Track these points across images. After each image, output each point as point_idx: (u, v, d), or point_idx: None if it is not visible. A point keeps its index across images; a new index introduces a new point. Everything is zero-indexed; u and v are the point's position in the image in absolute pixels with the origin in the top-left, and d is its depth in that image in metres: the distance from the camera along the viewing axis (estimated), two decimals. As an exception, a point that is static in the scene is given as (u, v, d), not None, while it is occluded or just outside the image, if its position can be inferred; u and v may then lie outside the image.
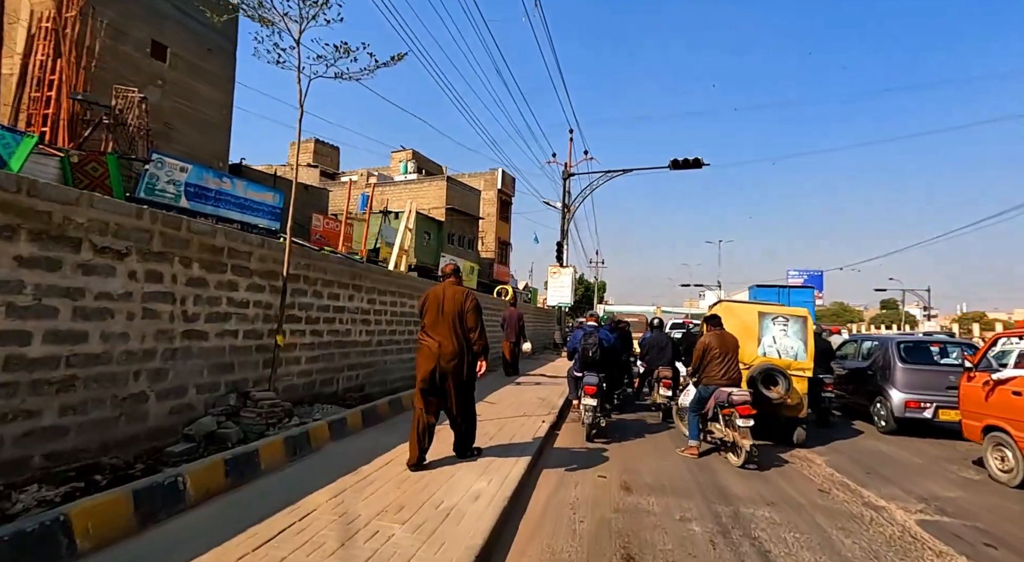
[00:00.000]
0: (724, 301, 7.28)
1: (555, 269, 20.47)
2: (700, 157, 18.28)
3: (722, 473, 5.27)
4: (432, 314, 4.39)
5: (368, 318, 7.19)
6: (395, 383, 8.05)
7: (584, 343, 6.88)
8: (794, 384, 6.52)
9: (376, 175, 35.39)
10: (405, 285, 8.47)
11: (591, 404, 6.57)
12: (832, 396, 7.85)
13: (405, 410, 6.58)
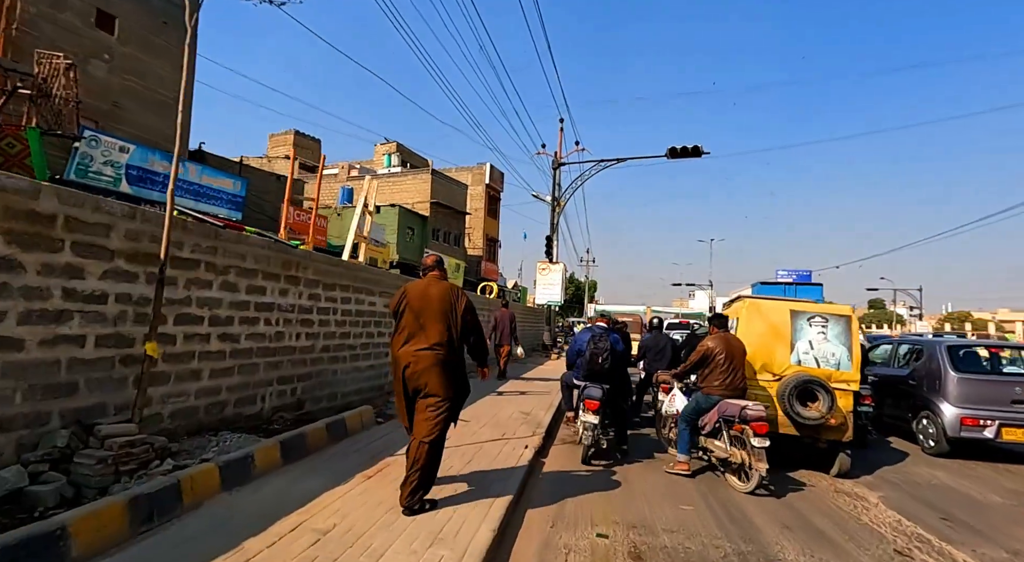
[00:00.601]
0: (746, 297, 6.01)
1: (544, 265, 19.15)
2: (699, 145, 17.07)
3: (762, 524, 3.95)
4: (412, 316, 3.49)
5: (310, 318, 5.79)
6: (348, 397, 6.66)
7: (593, 347, 5.59)
8: (837, 400, 5.24)
9: (358, 168, 33.84)
10: (364, 278, 7.08)
11: (592, 422, 5.29)
12: (870, 410, 6.60)
13: (351, 435, 5.21)
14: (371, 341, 7.29)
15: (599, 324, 6.10)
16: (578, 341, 6.00)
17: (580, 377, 5.87)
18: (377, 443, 5.05)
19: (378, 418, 6.10)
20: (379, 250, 25.04)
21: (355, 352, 6.83)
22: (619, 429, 5.95)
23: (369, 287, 7.22)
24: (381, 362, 7.61)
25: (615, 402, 5.93)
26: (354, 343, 6.80)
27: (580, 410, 5.76)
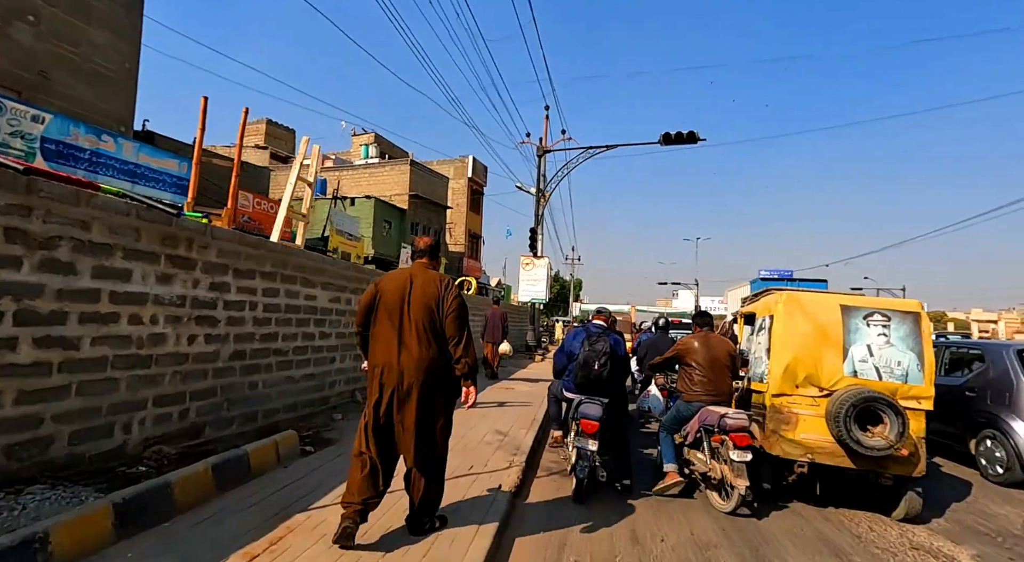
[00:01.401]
0: (782, 290, 4.73)
1: (528, 260, 17.81)
2: (695, 131, 15.89)
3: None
4: (386, 314, 2.93)
5: (213, 315, 4.34)
6: (275, 417, 5.22)
7: (588, 350, 4.34)
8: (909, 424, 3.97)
9: (333, 158, 32.13)
10: (300, 265, 5.63)
11: (589, 449, 4.05)
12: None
13: (257, 475, 3.78)
14: (310, 344, 5.85)
15: (596, 322, 4.78)
16: (569, 343, 4.69)
17: (572, 388, 4.54)
18: (293, 487, 3.63)
19: (306, 445, 4.67)
20: (353, 244, 23.44)
21: (285, 358, 5.38)
22: (620, 456, 4.63)
23: (308, 277, 5.78)
24: (324, 370, 6.17)
25: (615, 421, 4.61)
26: (284, 347, 5.35)
27: (573, 432, 4.44)
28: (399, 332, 2.90)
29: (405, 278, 3.03)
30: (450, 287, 3.05)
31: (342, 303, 6.56)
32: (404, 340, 2.89)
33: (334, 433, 5.29)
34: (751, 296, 5.98)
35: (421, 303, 2.94)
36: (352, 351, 6.88)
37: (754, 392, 4.66)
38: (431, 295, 2.97)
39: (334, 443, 4.93)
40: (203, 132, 6.72)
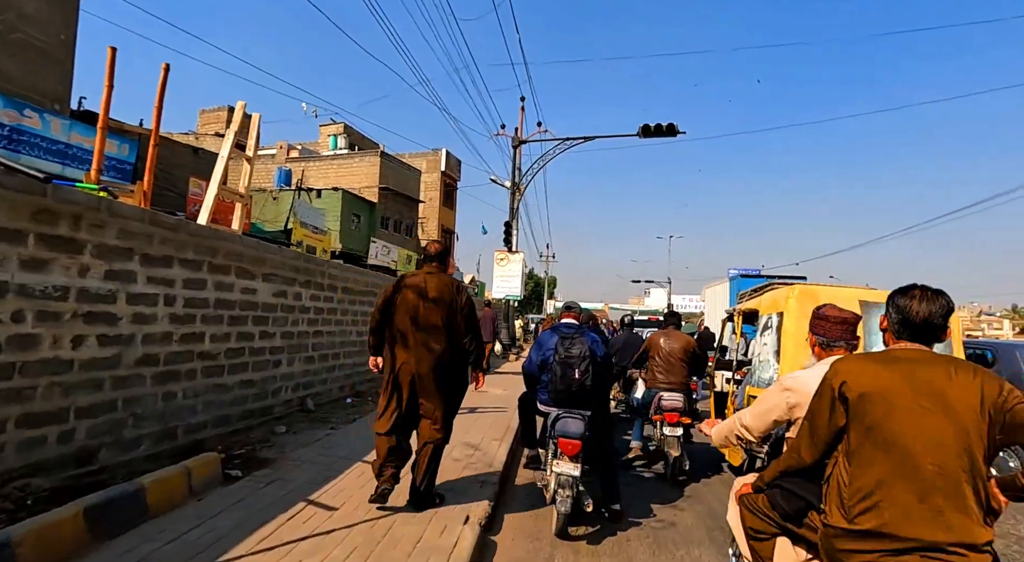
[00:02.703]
0: (788, 283, 4.15)
1: (503, 255, 17.10)
2: (675, 123, 15.44)
3: None
4: (403, 314, 3.26)
5: (109, 310, 3.50)
6: (199, 433, 4.38)
7: (562, 355, 3.67)
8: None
9: (299, 148, 30.75)
10: (234, 253, 4.79)
11: (571, 475, 3.37)
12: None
13: (157, 514, 2.97)
14: (248, 345, 5.01)
15: (566, 321, 4.07)
16: (541, 346, 3.97)
17: (547, 401, 3.85)
18: (201, 531, 2.83)
19: (232, 469, 3.86)
20: (319, 237, 22.32)
21: (215, 363, 4.54)
22: (607, 477, 3.97)
23: (246, 267, 4.94)
24: (266, 375, 5.34)
25: (600, 436, 3.95)
26: (213, 349, 4.51)
27: (551, 453, 3.76)
28: (416, 329, 3.26)
29: (420, 281, 3.38)
30: (461, 289, 3.46)
31: (289, 298, 5.73)
32: (420, 337, 3.27)
33: (273, 451, 4.49)
34: (750, 291, 5.43)
35: (435, 304, 3.29)
36: (302, 353, 6.06)
37: (762, 401, 4.06)
38: (444, 296, 3.33)
39: (270, 464, 4.13)
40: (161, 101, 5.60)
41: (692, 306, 50.32)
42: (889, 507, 1.56)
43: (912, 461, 1.56)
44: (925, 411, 1.57)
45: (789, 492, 1.94)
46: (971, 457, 1.52)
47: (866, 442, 1.63)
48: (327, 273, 6.63)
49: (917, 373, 1.63)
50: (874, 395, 1.63)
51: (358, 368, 7.70)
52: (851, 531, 1.60)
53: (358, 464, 4.31)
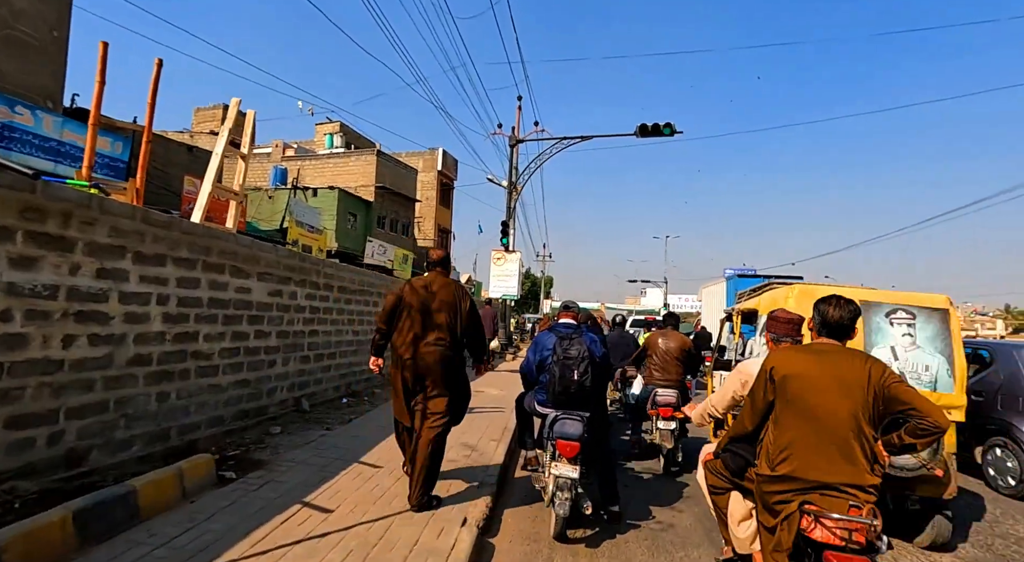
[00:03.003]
0: (794, 285, 4.13)
1: (499, 254, 17.05)
2: (672, 123, 15.43)
3: None
4: (414, 312, 3.52)
5: (100, 309, 3.44)
6: (193, 434, 4.33)
7: (560, 356, 3.62)
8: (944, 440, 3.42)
9: (295, 147, 30.60)
10: (227, 252, 4.73)
11: (570, 477, 3.33)
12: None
13: (149, 517, 2.92)
14: (242, 345, 4.95)
15: (564, 321, 4.02)
16: (540, 346, 3.92)
17: (546, 402, 3.81)
18: (191, 535, 2.78)
19: (228, 472, 3.80)
20: (314, 237, 22.20)
21: (209, 363, 4.48)
22: (605, 478, 3.94)
23: (240, 265, 4.88)
24: (261, 375, 5.28)
25: (598, 437, 3.92)
26: (207, 349, 4.45)
27: (548, 454, 3.72)
28: (422, 329, 3.52)
29: (426, 284, 3.65)
30: (463, 291, 3.73)
31: (284, 297, 5.67)
32: (426, 335, 3.52)
33: (267, 452, 4.43)
34: (749, 291, 5.41)
35: (441, 305, 3.57)
36: (297, 353, 6.00)
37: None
38: (449, 298, 3.61)
39: (264, 465, 4.08)
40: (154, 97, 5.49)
41: (688, 306, 50.40)
42: (798, 458, 2.13)
43: (816, 424, 2.13)
44: (828, 388, 2.14)
45: (735, 454, 2.57)
46: (859, 422, 2.10)
47: (786, 411, 2.22)
48: (322, 272, 6.57)
49: (826, 360, 2.21)
50: (794, 376, 2.21)
51: (354, 368, 7.65)
52: (772, 476, 2.19)
53: (354, 465, 4.26)
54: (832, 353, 2.24)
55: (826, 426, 2.12)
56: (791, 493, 2.13)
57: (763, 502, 2.25)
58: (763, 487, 2.24)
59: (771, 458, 2.22)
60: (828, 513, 2.03)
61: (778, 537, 2.16)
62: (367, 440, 5.04)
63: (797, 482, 2.12)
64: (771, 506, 2.21)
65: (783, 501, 2.15)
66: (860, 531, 2.00)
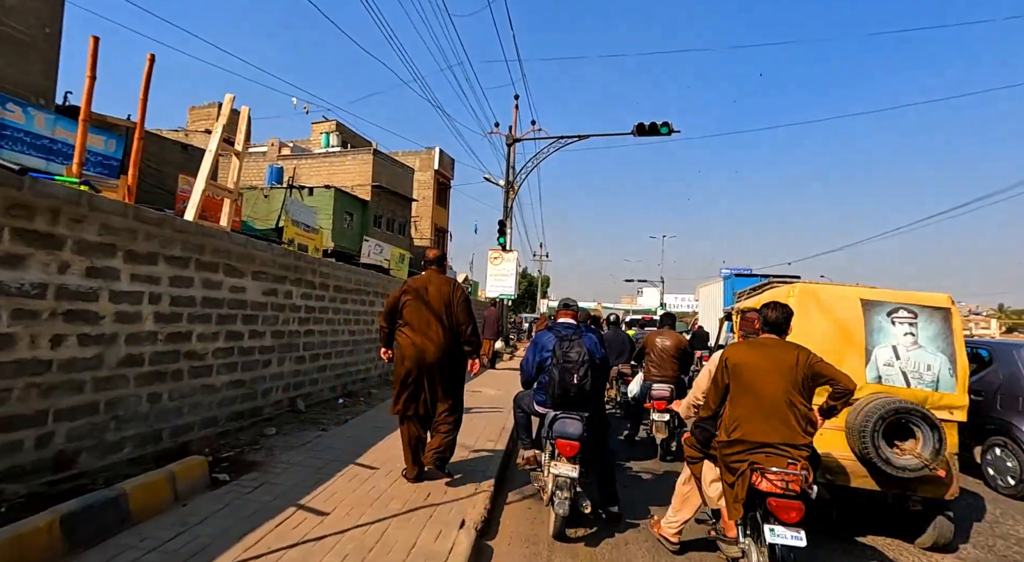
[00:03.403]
0: (796, 284, 4.09)
1: (496, 254, 16.99)
2: (669, 122, 15.41)
3: None
4: (414, 306, 3.87)
5: (89, 309, 3.37)
6: (186, 435, 4.26)
7: (560, 359, 3.58)
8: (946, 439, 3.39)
9: (291, 146, 30.45)
10: (221, 250, 4.67)
11: (569, 476, 3.30)
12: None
13: (141, 520, 2.85)
14: (237, 344, 4.88)
15: (563, 321, 3.96)
16: (539, 346, 3.87)
17: (545, 402, 3.77)
18: (182, 540, 2.71)
19: (221, 474, 3.74)
20: (310, 236, 22.09)
21: (202, 363, 4.41)
22: (604, 477, 3.90)
23: (234, 264, 4.81)
24: (256, 375, 5.21)
25: (598, 437, 3.88)
26: (200, 349, 4.38)
27: (548, 454, 3.68)
28: (423, 323, 3.82)
29: (424, 282, 3.94)
30: (458, 288, 4.00)
31: (279, 296, 5.60)
32: (426, 329, 3.81)
33: (262, 453, 4.37)
34: (749, 290, 5.37)
35: (438, 301, 3.86)
36: (292, 353, 5.93)
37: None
38: (445, 294, 3.90)
39: (258, 467, 4.01)
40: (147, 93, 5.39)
41: (684, 305, 50.48)
42: (746, 425, 2.72)
43: (759, 399, 2.73)
44: (768, 372, 2.76)
45: (703, 429, 3.18)
46: (791, 396, 2.69)
47: (738, 390, 2.83)
48: (318, 271, 6.50)
49: (767, 351, 2.85)
50: (743, 364, 2.85)
51: (350, 368, 7.58)
52: (728, 441, 2.79)
53: (350, 467, 4.20)
54: (771, 345, 2.90)
55: (766, 400, 2.71)
56: (743, 453, 2.70)
57: (724, 464, 2.83)
58: (723, 451, 2.83)
59: (727, 427, 2.82)
60: (770, 468, 2.57)
61: (735, 491, 2.71)
62: (363, 441, 4.98)
63: (746, 444, 2.70)
64: (729, 466, 2.77)
65: (737, 461, 2.71)
66: (795, 481, 2.53)
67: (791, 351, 2.81)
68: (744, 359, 2.86)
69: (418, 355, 3.79)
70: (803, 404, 2.70)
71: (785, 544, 2.51)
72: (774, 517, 2.55)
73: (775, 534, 2.53)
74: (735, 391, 2.83)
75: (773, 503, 2.53)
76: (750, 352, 2.88)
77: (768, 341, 2.94)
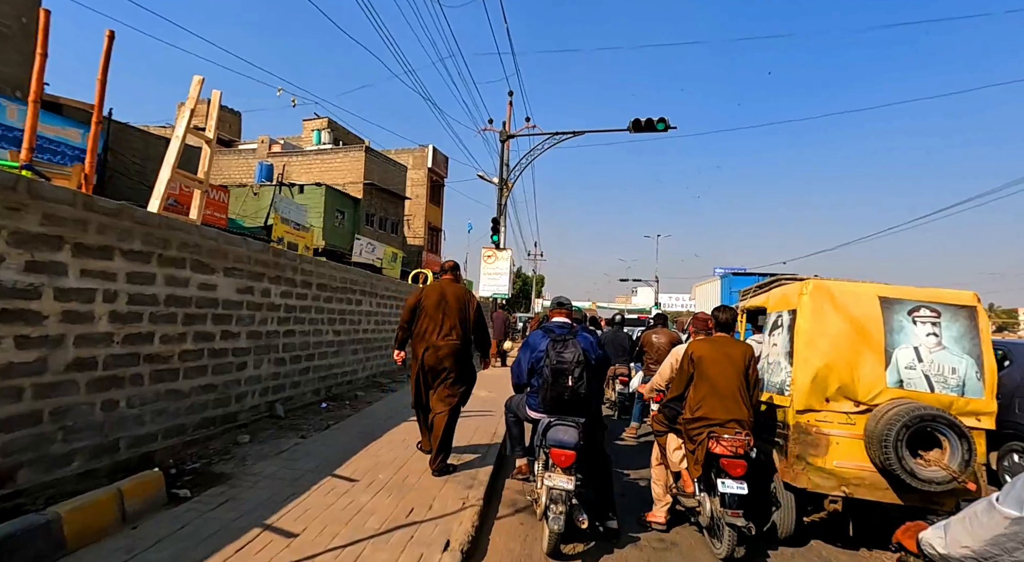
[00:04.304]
0: (809, 280, 3.79)
1: (490, 252, 16.68)
2: (666, 118, 15.15)
3: None
4: (430, 312, 4.24)
5: (30, 308, 3.02)
6: (148, 444, 3.91)
7: (553, 360, 3.31)
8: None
9: (281, 143, 29.97)
10: (188, 245, 4.33)
11: (565, 488, 3.00)
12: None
13: (75, 551, 2.51)
14: (207, 346, 4.54)
15: (557, 320, 3.67)
16: (531, 347, 3.57)
17: (538, 407, 3.47)
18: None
19: (182, 489, 3.40)
20: (301, 234, 21.67)
21: (167, 366, 4.07)
22: (601, 488, 3.60)
23: (203, 260, 4.47)
24: (229, 379, 4.87)
25: (595, 444, 3.59)
26: (164, 351, 4.04)
27: (541, 463, 3.38)
28: (439, 326, 4.17)
29: (440, 288, 4.32)
30: (471, 295, 4.42)
31: (256, 295, 5.26)
32: (441, 331, 4.16)
33: (232, 464, 4.03)
34: (754, 288, 5.08)
35: (453, 306, 4.22)
36: (271, 354, 5.59)
37: (775, 407, 3.72)
38: (460, 300, 4.28)
39: (226, 480, 3.68)
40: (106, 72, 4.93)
41: (679, 305, 50.35)
42: (706, 405, 3.36)
43: (716, 385, 3.38)
44: (723, 363, 3.42)
45: (670, 408, 3.75)
46: (740, 383, 3.37)
47: (699, 378, 3.46)
48: (299, 268, 6.16)
49: (720, 346, 3.52)
50: (703, 357, 3.49)
51: (335, 370, 7.25)
52: (692, 418, 3.41)
53: (327, 478, 3.87)
54: (724, 342, 3.60)
55: (721, 386, 3.39)
56: (703, 427, 3.35)
57: (687, 435, 3.49)
58: (687, 425, 3.48)
59: (691, 407, 3.48)
60: (723, 436, 3.23)
61: (696, 455, 3.37)
62: (344, 449, 4.65)
63: (707, 420, 3.35)
64: (692, 437, 3.43)
65: (699, 432, 3.36)
66: (741, 445, 3.20)
67: (739, 347, 3.58)
68: (704, 353, 3.53)
69: (434, 354, 4.15)
70: (746, 389, 3.42)
71: (732, 492, 3.15)
72: (725, 472, 3.20)
73: (725, 485, 3.17)
74: (697, 379, 3.50)
75: (724, 462, 3.21)
76: (709, 347, 3.56)
77: (720, 338, 3.66)
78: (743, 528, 3.08)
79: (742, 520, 3.08)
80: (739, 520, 3.08)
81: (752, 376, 3.46)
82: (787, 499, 3.51)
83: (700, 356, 3.50)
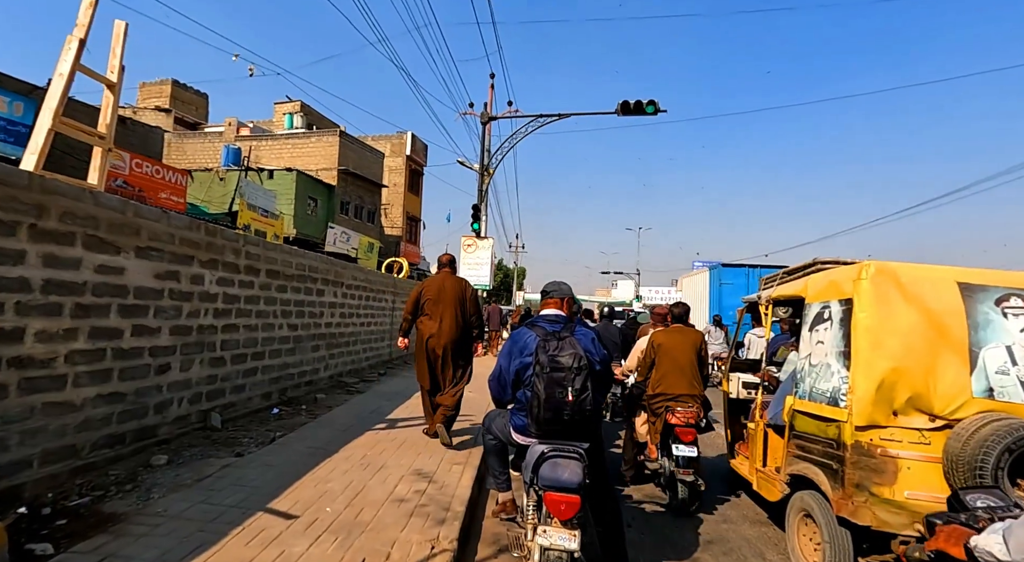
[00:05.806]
0: (871, 262, 3.02)
1: (471, 241, 15.78)
2: (655, 100, 14.40)
3: None
4: (432, 300, 4.81)
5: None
6: (21, 472, 2.97)
7: (547, 366, 2.43)
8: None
9: (250, 127, 28.44)
10: (79, 216, 3.37)
11: (566, 550, 2.14)
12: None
13: None
14: (111, 346, 3.60)
15: (548, 312, 2.81)
16: (516, 349, 2.70)
17: (526, 428, 2.64)
18: None
19: (40, 544, 2.48)
20: (269, 222, 20.44)
21: (46, 373, 3.13)
22: (610, 530, 2.80)
23: (105, 237, 3.53)
24: (144, 385, 3.93)
25: (600, 476, 2.79)
26: (44, 353, 3.10)
27: (533, 506, 2.56)
28: (440, 315, 4.79)
29: (440, 280, 4.95)
30: (468, 286, 5.06)
31: (183, 281, 4.33)
32: (442, 320, 4.78)
33: (131, 498, 3.12)
34: (781, 274, 4.33)
35: (453, 296, 4.85)
36: (205, 354, 4.66)
37: (824, 421, 2.96)
38: (459, 291, 4.91)
39: (114, 523, 2.77)
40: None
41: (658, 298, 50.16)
42: (665, 382, 4.22)
43: (674, 366, 4.24)
44: (680, 347, 4.30)
45: (638, 387, 4.67)
46: (693, 363, 4.27)
47: (660, 361, 4.30)
48: (244, 251, 5.22)
49: (677, 335, 4.41)
50: (664, 343, 4.34)
51: (290, 370, 6.32)
52: (654, 394, 4.27)
53: (257, 516, 2.99)
54: (680, 331, 4.45)
55: (678, 367, 4.21)
56: (663, 401, 4.15)
57: (650, 409, 4.30)
58: (650, 400, 4.28)
59: (653, 385, 4.28)
60: (677, 409, 4.05)
61: (657, 426, 4.18)
62: (289, 470, 3.78)
63: (666, 395, 4.15)
64: (654, 410, 4.24)
65: (659, 406, 4.17)
66: (692, 416, 4.02)
67: (692, 335, 4.44)
68: (664, 340, 4.34)
69: (436, 339, 4.71)
70: (697, 368, 4.25)
71: (684, 455, 3.87)
72: (678, 439, 3.94)
73: (679, 449, 3.90)
74: (658, 361, 4.28)
75: (678, 431, 3.95)
76: (668, 336, 4.38)
77: (677, 329, 4.50)
78: (694, 483, 3.83)
79: (692, 476, 3.82)
80: (689, 477, 3.82)
81: (704, 359, 4.34)
82: (841, 537, 2.78)
83: (660, 343, 4.33)
